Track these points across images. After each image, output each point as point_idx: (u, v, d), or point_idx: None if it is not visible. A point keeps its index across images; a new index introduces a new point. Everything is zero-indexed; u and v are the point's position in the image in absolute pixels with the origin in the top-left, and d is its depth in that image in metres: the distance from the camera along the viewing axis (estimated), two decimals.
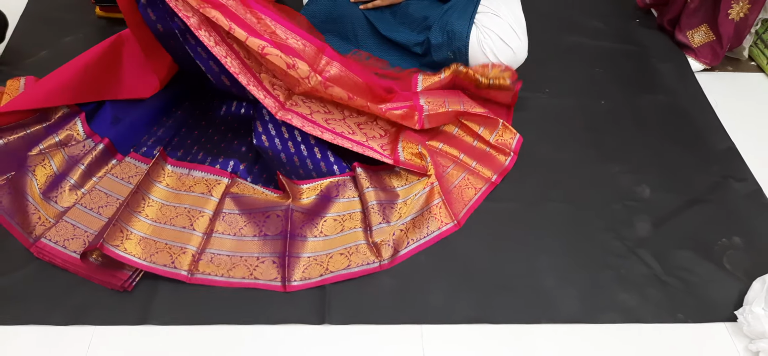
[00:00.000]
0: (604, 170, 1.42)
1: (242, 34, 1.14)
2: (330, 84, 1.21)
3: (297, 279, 1.13)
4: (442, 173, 1.32)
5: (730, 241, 1.28)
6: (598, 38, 1.84)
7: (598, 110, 1.59)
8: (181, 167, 1.26)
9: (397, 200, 1.26)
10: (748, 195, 1.38)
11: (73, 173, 1.23)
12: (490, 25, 1.48)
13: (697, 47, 1.76)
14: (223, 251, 1.16)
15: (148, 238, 1.14)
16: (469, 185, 1.32)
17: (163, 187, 1.23)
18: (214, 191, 1.22)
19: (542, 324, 1.11)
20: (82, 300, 1.09)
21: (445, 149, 1.37)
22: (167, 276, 1.11)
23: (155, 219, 1.17)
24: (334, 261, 1.16)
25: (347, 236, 1.20)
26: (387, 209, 1.23)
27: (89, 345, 1.04)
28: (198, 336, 1.07)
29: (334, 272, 1.15)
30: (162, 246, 1.13)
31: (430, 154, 1.31)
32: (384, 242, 1.18)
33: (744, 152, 1.49)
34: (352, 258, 1.17)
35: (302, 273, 1.14)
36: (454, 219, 1.25)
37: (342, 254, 1.17)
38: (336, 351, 1.06)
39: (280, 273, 1.13)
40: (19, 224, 1.16)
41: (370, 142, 1.30)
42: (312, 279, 1.14)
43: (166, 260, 1.12)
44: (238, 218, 1.21)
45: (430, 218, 1.24)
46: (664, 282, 1.19)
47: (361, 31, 1.63)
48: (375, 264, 1.16)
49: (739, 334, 1.12)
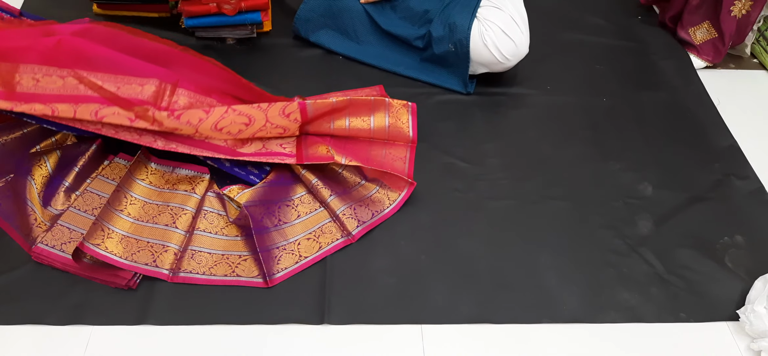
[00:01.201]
0: (605, 167, 1.41)
1: (69, 112, 1.07)
2: (180, 117, 1.13)
3: (275, 271, 1.14)
4: (365, 152, 1.33)
5: (732, 239, 1.27)
6: (600, 35, 1.83)
7: (600, 107, 1.59)
8: (164, 164, 1.26)
9: (339, 170, 1.28)
10: (750, 193, 1.38)
11: (68, 176, 1.22)
12: (492, 18, 1.47)
13: (699, 44, 1.75)
14: (205, 248, 1.16)
15: (130, 236, 1.13)
16: (396, 157, 1.34)
17: (145, 184, 1.22)
18: (197, 188, 1.22)
19: (543, 324, 1.11)
20: (80, 299, 1.08)
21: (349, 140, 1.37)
22: (149, 274, 1.10)
23: (137, 217, 1.17)
24: (304, 247, 1.18)
25: (307, 221, 1.22)
26: (331, 182, 1.25)
27: (87, 345, 1.03)
28: (196, 336, 1.06)
29: (307, 257, 1.17)
30: (144, 245, 1.13)
31: (334, 144, 1.31)
32: (344, 215, 1.20)
33: (746, 149, 1.48)
34: (320, 240, 1.19)
35: (277, 264, 1.15)
36: (408, 179, 1.27)
37: (309, 239, 1.19)
38: (336, 350, 1.05)
39: (260, 270, 1.14)
40: (19, 227, 1.15)
41: (266, 146, 1.27)
42: (289, 268, 1.15)
43: (147, 258, 1.12)
44: (219, 216, 1.21)
45: (387, 191, 1.27)
46: (666, 281, 1.19)
47: (361, 27, 1.62)
48: (342, 239, 1.19)
49: (741, 333, 1.12)
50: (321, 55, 1.68)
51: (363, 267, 1.17)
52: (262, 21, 1.63)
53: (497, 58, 1.49)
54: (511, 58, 1.50)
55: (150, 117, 1.12)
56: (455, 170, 1.37)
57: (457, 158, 1.40)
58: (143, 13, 1.73)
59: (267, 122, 1.22)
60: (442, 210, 1.28)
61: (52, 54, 1.06)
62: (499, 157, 1.41)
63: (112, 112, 1.09)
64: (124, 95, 1.10)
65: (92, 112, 1.08)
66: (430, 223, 1.25)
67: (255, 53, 1.67)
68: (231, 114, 1.18)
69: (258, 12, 1.61)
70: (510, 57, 1.49)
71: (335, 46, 1.65)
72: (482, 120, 1.51)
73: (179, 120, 1.14)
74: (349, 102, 1.32)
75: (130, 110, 1.10)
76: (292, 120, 1.26)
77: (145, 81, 1.12)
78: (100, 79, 1.09)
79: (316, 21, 1.64)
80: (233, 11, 1.57)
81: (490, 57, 1.49)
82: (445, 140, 1.44)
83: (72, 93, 1.08)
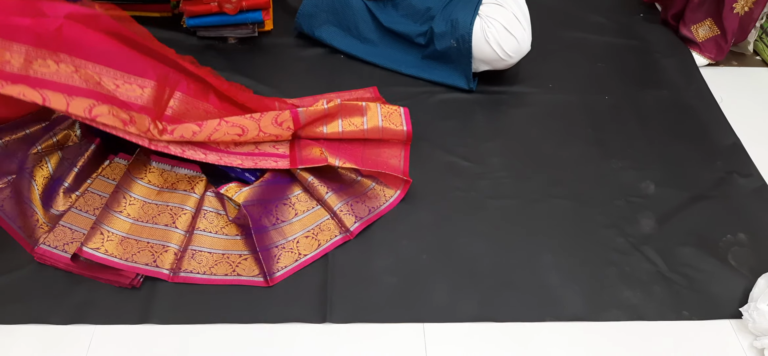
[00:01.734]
0: (607, 166, 1.41)
1: (61, 103, 0.99)
2: (173, 132, 1.10)
3: (275, 270, 1.14)
4: (360, 152, 1.32)
5: (735, 237, 1.27)
6: (602, 33, 1.83)
7: (602, 105, 1.58)
8: (164, 163, 1.26)
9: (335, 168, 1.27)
10: (753, 191, 1.37)
11: (68, 176, 1.22)
12: (494, 15, 1.47)
13: (702, 42, 1.74)
14: (205, 248, 1.16)
15: (130, 237, 1.13)
16: (391, 156, 1.34)
17: (144, 184, 1.22)
18: (197, 188, 1.22)
19: (545, 322, 1.11)
20: (82, 299, 1.08)
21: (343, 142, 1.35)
22: (149, 274, 1.10)
23: (137, 218, 1.17)
24: (303, 245, 1.18)
25: (305, 219, 1.22)
26: (327, 179, 1.25)
27: (90, 344, 1.03)
28: (199, 335, 1.06)
29: (306, 255, 1.17)
30: (144, 245, 1.13)
31: (328, 147, 1.30)
32: (342, 211, 1.20)
33: (749, 147, 1.48)
34: (319, 237, 1.19)
35: (277, 263, 1.15)
36: (403, 176, 1.27)
37: (307, 236, 1.19)
38: (338, 349, 1.05)
39: (260, 269, 1.14)
40: (21, 228, 1.16)
41: (259, 147, 1.25)
42: (289, 266, 1.15)
43: (147, 259, 1.12)
44: (219, 215, 1.21)
45: (383, 187, 1.27)
46: (669, 279, 1.18)
47: (363, 23, 1.62)
48: (340, 236, 1.19)
49: (744, 331, 1.11)
50: (322, 54, 1.68)
51: (365, 266, 1.17)
52: (263, 20, 1.64)
53: (500, 55, 1.48)
54: (514, 55, 1.50)
55: (145, 127, 1.10)
56: (457, 169, 1.37)
57: (458, 157, 1.40)
58: (145, 13, 1.73)
59: (260, 131, 1.22)
60: (444, 209, 1.28)
61: (52, 37, 1.00)
62: (500, 156, 1.41)
63: (106, 111, 1.05)
64: (122, 96, 1.07)
65: (86, 108, 1.04)
66: (431, 222, 1.25)
67: (256, 52, 1.67)
68: (224, 126, 1.17)
69: (259, 11, 1.61)
70: (512, 54, 1.49)
71: (337, 42, 1.65)
72: (484, 119, 1.51)
73: (172, 136, 1.13)
74: (340, 107, 1.32)
75: (126, 113, 1.08)
76: (285, 129, 1.26)
77: (145, 82, 1.09)
78: (99, 73, 1.04)
79: (319, 17, 1.65)
80: (234, 10, 1.57)
81: (492, 54, 1.49)
82: (447, 138, 1.44)
83: (67, 83, 1.02)
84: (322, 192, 1.23)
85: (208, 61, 1.40)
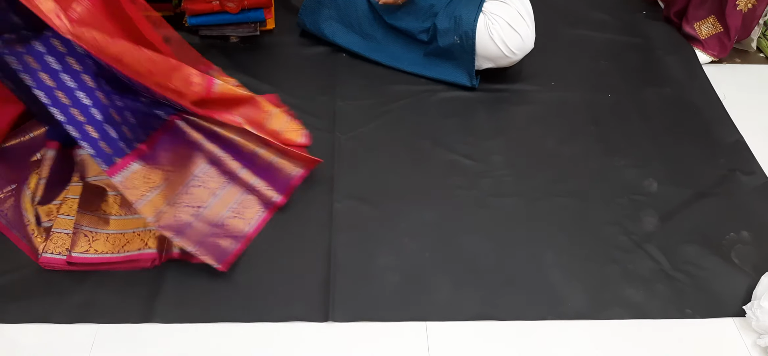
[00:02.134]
0: (610, 163, 1.41)
1: None
2: (80, 27, 0.94)
3: (223, 256, 1.13)
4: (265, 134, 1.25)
5: (738, 235, 1.26)
6: (604, 31, 1.82)
7: (604, 103, 1.58)
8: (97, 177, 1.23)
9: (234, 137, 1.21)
10: (756, 189, 1.37)
11: (37, 190, 1.19)
12: (497, 12, 1.47)
13: (705, 39, 1.74)
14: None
15: (116, 233, 1.15)
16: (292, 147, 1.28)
17: (112, 192, 1.21)
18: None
19: (548, 320, 1.11)
20: (85, 298, 1.09)
21: None
22: (142, 258, 1.13)
23: (118, 213, 1.18)
24: (233, 227, 1.18)
25: (224, 197, 1.20)
26: (234, 153, 1.21)
27: (93, 343, 1.04)
28: (201, 334, 1.06)
29: (240, 234, 1.18)
30: (130, 236, 1.15)
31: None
32: (260, 186, 1.21)
33: (752, 144, 1.47)
34: (245, 215, 1.20)
35: (220, 249, 1.14)
36: (309, 156, 1.26)
37: (234, 217, 1.19)
38: (340, 348, 1.05)
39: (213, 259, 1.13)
40: (25, 236, 1.16)
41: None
42: (230, 248, 1.15)
43: (139, 244, 1.14)
44: None
45: (288, 159, 1.25)
46: (672, 277, 1.18)
47: (366, 19, 1.62)
48: (266, 211, 1.21)
49: (747, 329, 1.11)
50: (324, 52, 1.68)
51: (367, 264, 1.17)
52: (265, 19, 1.63)
53: (503, 52, 1.48)
54: (518, 52, 1.49)
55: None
56: (459, 168, 1.37)
57: (460, 156, 1.39)
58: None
59: (171, 75, 1.07)
60: (446, 208, 1.28)
61: None
62: (503, 154, 1.41)
63: None
64: None
65: None
66: (434, 220, 1.25)
67: (258, 51, 1.67)
68: (138, 53, 1.02)
69: (261, 10, 1.61)
70: (516, 51, 1.49)
71: (339, 38, 1.65)
72: (486, 117, 1.51)
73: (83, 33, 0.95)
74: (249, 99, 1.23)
75: None
76: (196, 88, 1.11)
77: None
78: None
79: (322, 12, 1.65)
80: (236, 9, 1.57)
81: (496, 51, 1.49)
82: (449, 137, 1.44)
83: None
84: (234, 166, 1.20)
85: (210, 59, 1.40)
